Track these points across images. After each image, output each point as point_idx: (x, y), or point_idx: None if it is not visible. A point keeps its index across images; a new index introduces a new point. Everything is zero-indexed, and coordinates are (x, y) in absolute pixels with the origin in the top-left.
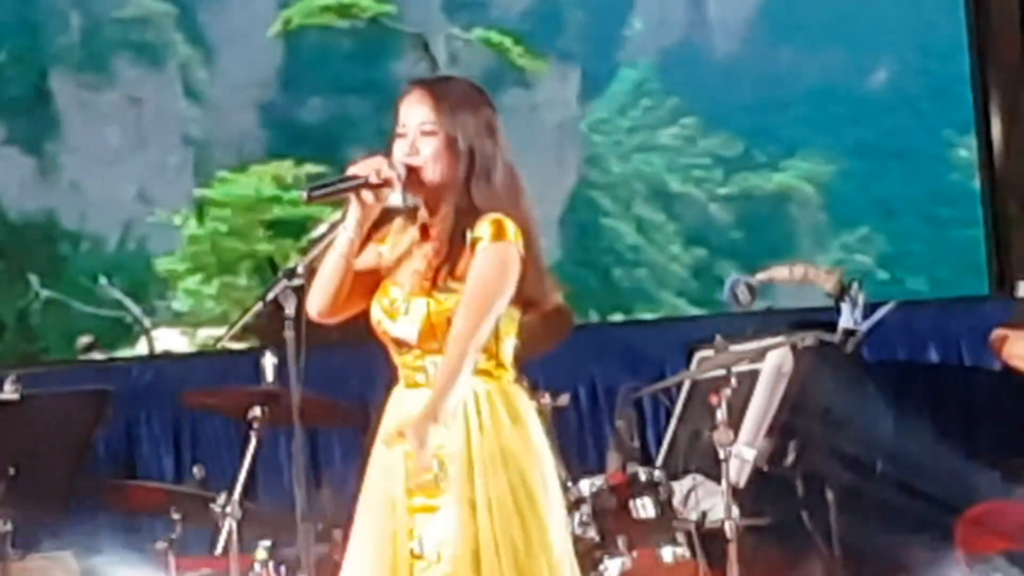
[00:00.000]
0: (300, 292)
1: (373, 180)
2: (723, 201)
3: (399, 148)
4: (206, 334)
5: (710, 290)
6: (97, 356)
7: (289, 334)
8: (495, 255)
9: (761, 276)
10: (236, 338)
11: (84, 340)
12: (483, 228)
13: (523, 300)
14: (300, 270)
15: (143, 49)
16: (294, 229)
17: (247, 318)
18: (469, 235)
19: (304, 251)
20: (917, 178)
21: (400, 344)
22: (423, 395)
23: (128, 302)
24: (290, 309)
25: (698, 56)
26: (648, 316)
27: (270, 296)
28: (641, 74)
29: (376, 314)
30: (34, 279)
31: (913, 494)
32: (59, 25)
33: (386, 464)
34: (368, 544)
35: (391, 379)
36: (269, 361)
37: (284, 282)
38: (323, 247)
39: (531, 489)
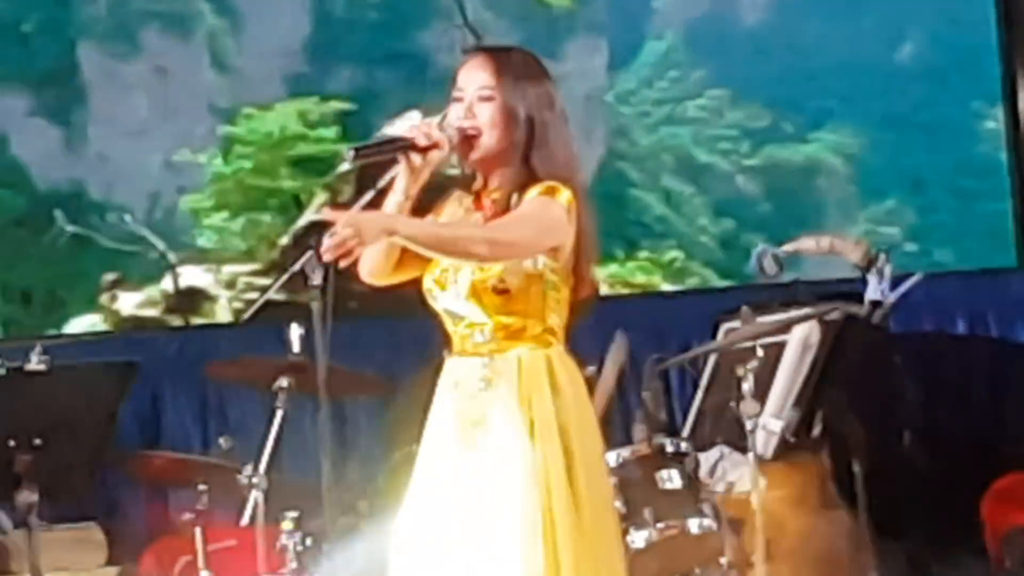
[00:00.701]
0: (326, 263)
1: (421, 142)
2: (750, 173)
3: (455, 111)
4: (230, 270)
5: (737, 262)
6: (121, 294)
7: (316, 305)
8: (540, 202)
9: (788, 247)
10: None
11: (109, 277)
12: (540, 187)
13: (577, 275)
14: (327, 241)
15: (170, 20)
16: (320, 166)
17: (273, 289)
18: (517, 197)
19: (328, 187)
20: (945, 150)
21: (450, 314)
22: (473, 363)
23: (153, 237)
24: (317, 279)
25: (725, 28)
26: (674, 287)
27: (297, 266)
28: (668, 45)
29: (427, 283)
30: (59, 214)
31: (940, 466)
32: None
33: (439, 434)
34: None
35: (417, 351)
36: (295, 332)
37: (311, 252)
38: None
39: (578, 459)
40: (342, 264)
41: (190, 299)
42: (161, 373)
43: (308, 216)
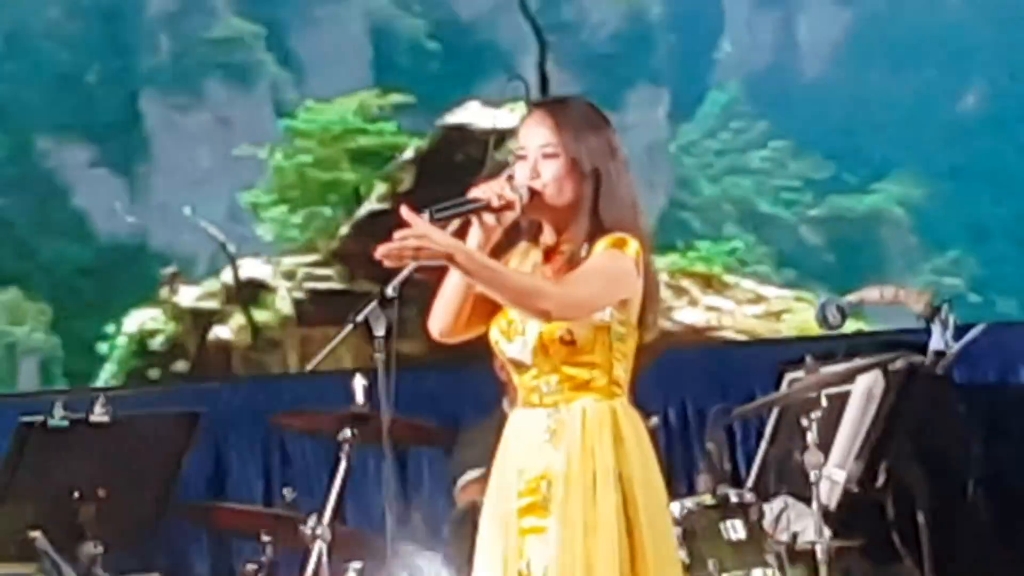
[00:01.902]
0: (390, 313)
1: (495, 203)
2: (813, 223)
3: (521, 171)
4: (290, 262)
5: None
6: (181, 287)
7: (379, 355)
8: (609, 256)
9: (852, 298)
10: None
11: (167, 271)
12: (608, 240)
13: (643, 324)
14: (391, 292)
15: (233, 70)
16: (379, 159)
17: (337, 341)
18: (586, 249)
19: (388, 178)
20: (1008, 200)
21: (517, 365)
22: (538, 415)
23: (212, 229)
24: (380, 330)
25: (787, 78)
26: (738, 337)
27: (360, 317)
28: (730, 96)
29: (494, 335)
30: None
31: (1004, 516)
32: (149, 47)
33: (498, 482)
34: (483, 564)
35: (481, 400)
36: (359, 382)
37: (374, 303)
38: (413, 268)
39: (641, 511)
40: (386, 264)
41: (250, 291)
42: (226, 423)
43: (367, 207)
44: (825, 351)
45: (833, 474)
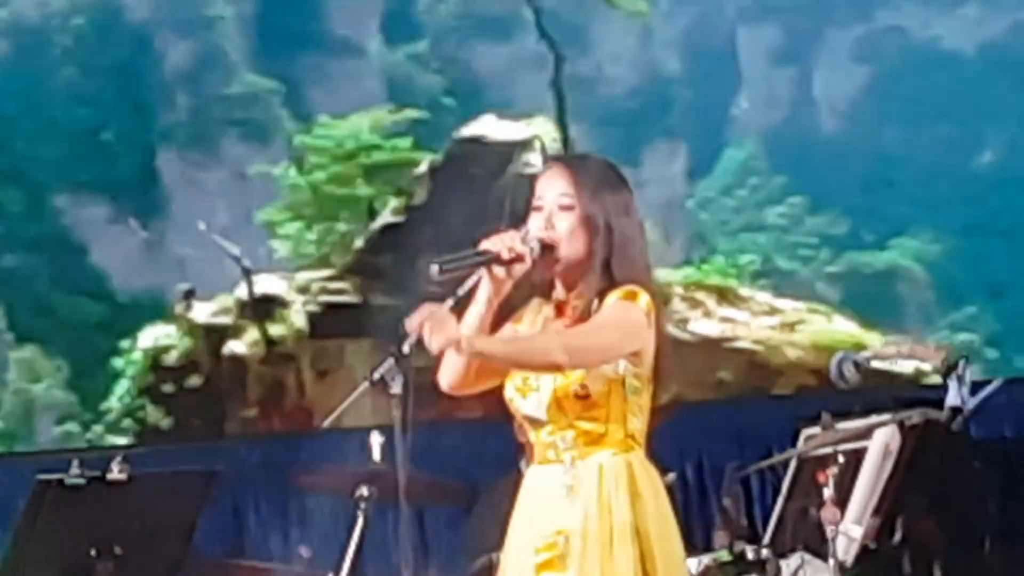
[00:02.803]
0: (407, 370)
1: (505, 256)
2: (830, 279)
3: (535, 223)
4: (305, 276)
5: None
6: (195, 303)
7: (396, 413)
8: (620, 307)
9: (868, 354)
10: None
11: (182, 287)
12: (619, 292)
13: (657, 377)
14: (407, 349)
15: (249, 125)
16: (393, 174)
17: (353, 398)
18: (597, 304)
19: (401, 193)
20: None
21: (532, 422)
22: (554, 470)
23: (227, 244)
24: (397, 387)
25: (804, 135)
26: (754, 394)
27: (376, 375)
28: (747, 152)
29: (509, 392)
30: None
31: (1020, 572)
32: (166, 104)
33: (515, 538)
34: None
35: (499, 458)
36: (376, 440)
37: (391, 361)
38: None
39: (657, 564)
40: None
41: (264, 306)
42: (243, 481)
43: (382, 220)
44: (841, 407)
45: (850, 530)
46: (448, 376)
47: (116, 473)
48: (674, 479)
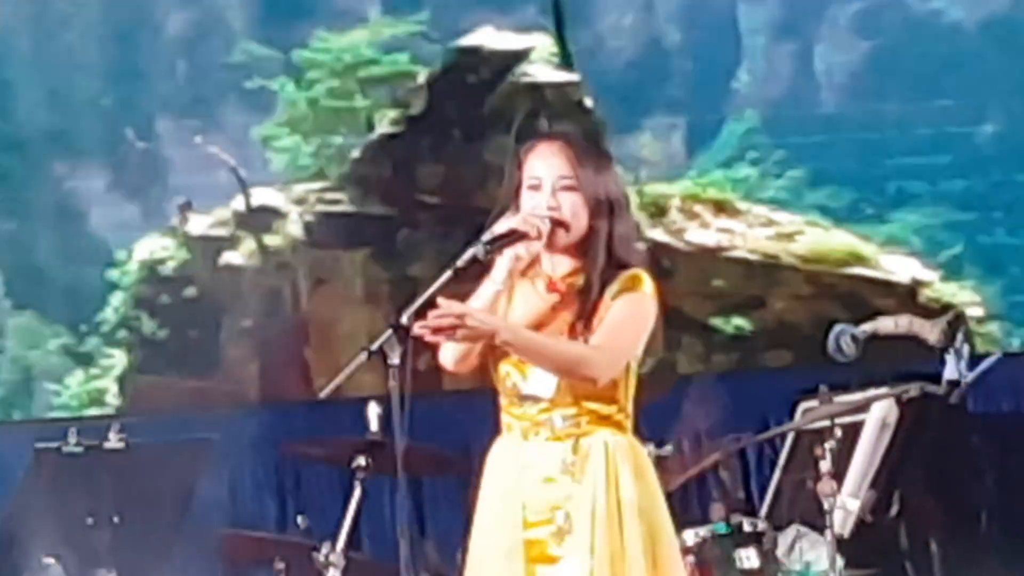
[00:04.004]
0: (405, 341)
1: (533, 235)
2: None
3: (535, 201)
4: (302, 188)
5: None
6: (192, 216)
7: (393, 384)
8: (634, 301)
9: (866, 327)
10: None
11: (179, 201)
12: (624, 281)
13: (647, 352)
14: (405, 320)
15: (248, 93)
16: (391, 88)
17: (351, 369)
18: (608, 289)
19: (399, 105)
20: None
21: (528, 398)
22: (551, 448)
23: (224, 156)
24: (395, 358)
25: (804, 108)
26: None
27: (375, 346)
28: (748, 126)
29: (505, 369)
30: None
31: (1017, 545)
32: (165, 72)
33: (498, 514)
34: None
35: (496, 428)
36: (373, 411)
37: (389, 332)
38: (428, 295)
39: (659, 542)
40: (428, 339)
41: (261, 217)
42: (240, 451)
43: (379, 130)
44: (839, 381)
45: (847, 503)
46: (459, 355)
47: (113, 442)
48: (671, 451)
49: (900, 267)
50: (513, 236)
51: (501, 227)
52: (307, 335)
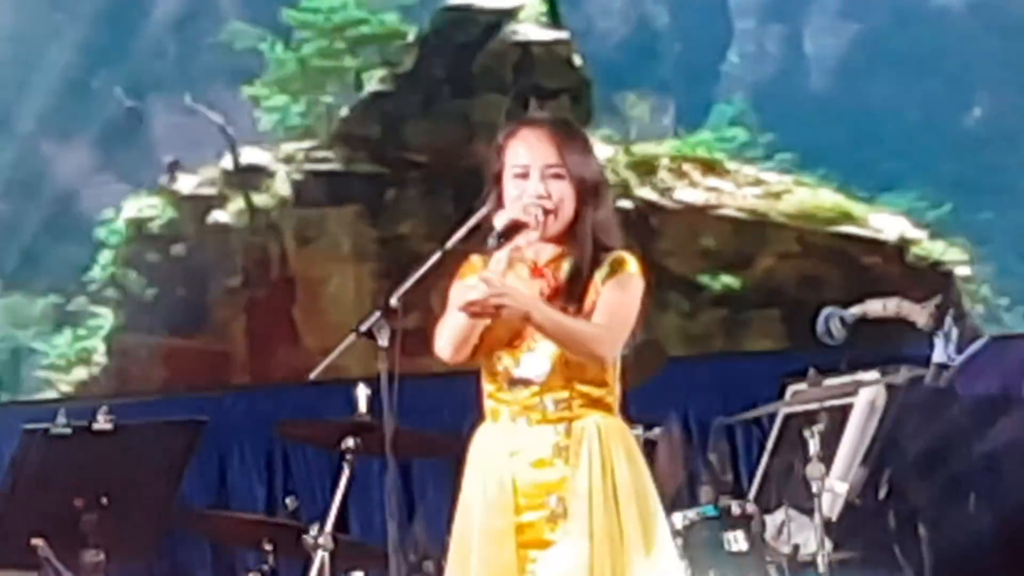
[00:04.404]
0: (394, 323)
1: (532, 224)
2: None
3: (523, 188)
4: (291, 147)
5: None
6: (180, 175)
7: (382, 365)
8: (625, 281)
9: (855, 310)
10: None
11: (167, 160)
12: (611, 263)
13: (632, 333)
14: (394, 302)
15: (239, 74)
16: (381, 47)
17: (340, 350)
18: (597, 272)
19: (389, 63)
20: (1013, 214)
21: (519, 382)
22: (541, 432)
23: (213, 115)
24: (383, 341)
25: (793, 91)
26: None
27: (364, 327)
28: (736, 108)
29: (498, 352)
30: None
31: (1006, 529)
32: (155, 51)
33: (488, 498)
34: None
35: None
36: (362, 392)
37: (378, 314)
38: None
39: (652, 524)
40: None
41: (249, 176)
42: (228, 432)
43: (368, 89)
44: (828, 363)
45: (835, 486)
46: (462, 350)
47: (102, 423)
48: (659, 434)
49: (888, 225)
50: (519, 228)
51: (502, 219)
52: (294, 293)
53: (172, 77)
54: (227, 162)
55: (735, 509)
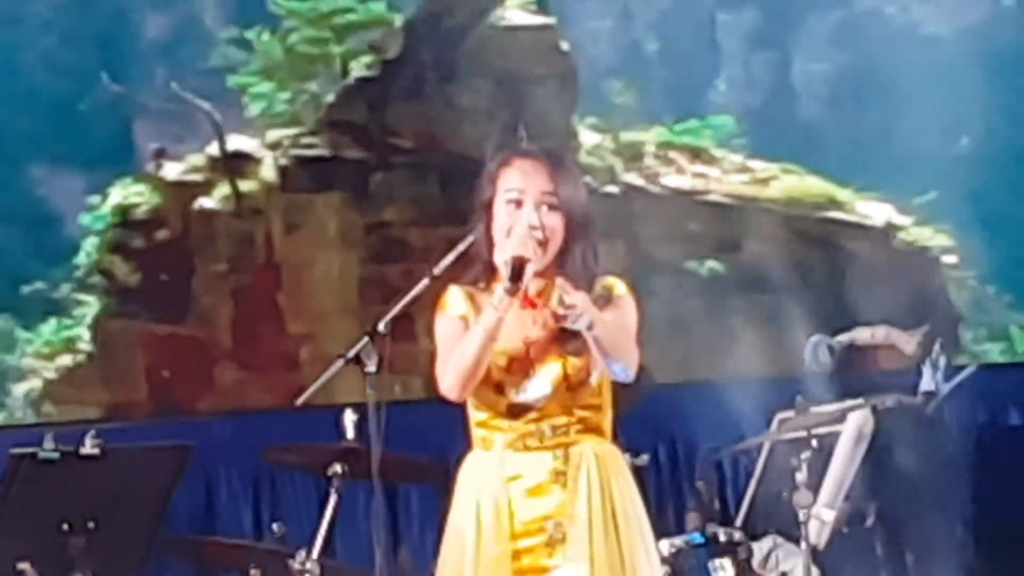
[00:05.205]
0: (381, 349)
1: (528, 255)
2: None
3: (515, 215)
4: (277, 134)
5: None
6: (166, 162)
7: (370, 391)
8: (626, 308)
9: (842, 338)
10: None
11: (153, 147)
12: (603, 289)
13: None
14: (382, 328)
15: (228, 99)
16: (367, 35)
17: (327, 376)
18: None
19: (375, 49)
20: (1000, 243)
21: (518, 408)
22: (539, 458)
23: (199, 101)
24: (372, 366)
25: (782, 117)
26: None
27: (351, 354)
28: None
29: (497, 379)
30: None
31: (993, 556)
32: (144, 76)
33: (481, 523)
34: None
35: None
36: (349, 418)
37: (366, 340)
38: (405, 303)
39: (648, 550)
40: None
41: (236, 163)
42: (215, 457)
43: (354, 75)
44: (815, 391)
45: (822, 514)
46: (467, 386)
47: (90, 448)
48: (647, 461)
49: (875, 211)
50: (524, 263)
51: (505, 258)
52: (280, 279)
53: (159, 64)
54: (213, 149)
55: (722, 536)
